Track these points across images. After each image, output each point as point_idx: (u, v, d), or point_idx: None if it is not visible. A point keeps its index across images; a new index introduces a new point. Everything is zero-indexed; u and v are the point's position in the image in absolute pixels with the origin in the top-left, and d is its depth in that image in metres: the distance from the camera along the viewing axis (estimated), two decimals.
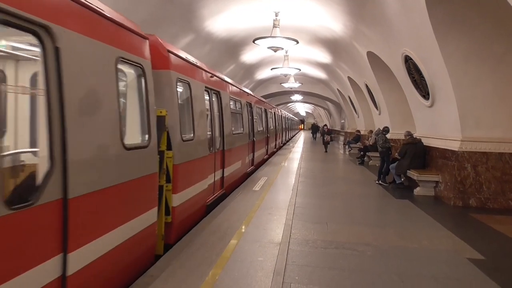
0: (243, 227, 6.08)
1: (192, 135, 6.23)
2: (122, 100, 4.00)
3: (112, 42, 3.62)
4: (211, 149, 7.48)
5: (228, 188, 8.94)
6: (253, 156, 12.99)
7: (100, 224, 3.41)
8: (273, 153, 19.43)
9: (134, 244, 4.02)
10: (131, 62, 4.08)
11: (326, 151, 22.08)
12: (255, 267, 4.46)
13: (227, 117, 8.76)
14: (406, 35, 8.86)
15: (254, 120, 13.18)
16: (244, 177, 11.19)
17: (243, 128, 10.94)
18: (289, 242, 5.43)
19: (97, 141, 3.38)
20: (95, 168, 3.31)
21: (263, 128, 15.48)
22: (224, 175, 8.53)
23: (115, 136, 3.65)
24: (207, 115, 7.55)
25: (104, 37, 3.48)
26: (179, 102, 5.90)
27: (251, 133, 12.41)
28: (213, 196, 7.63)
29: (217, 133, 8.15)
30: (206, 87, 7.26)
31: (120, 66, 3.80)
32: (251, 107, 12.48)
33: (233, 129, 9.50)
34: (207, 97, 7.46)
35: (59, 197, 2.82)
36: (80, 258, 3.04)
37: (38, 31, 2.65)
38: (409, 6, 7.73)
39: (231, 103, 9.58)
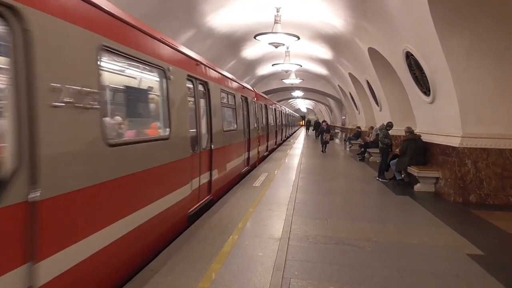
0: (243, 222, 6.09)
1: None
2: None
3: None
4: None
5: None
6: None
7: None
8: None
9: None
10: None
11: (324, 151, 19.27)
12: (255, 262, 4.47)
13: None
14: (407, 31, 8.84)
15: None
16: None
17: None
18: (289, 237, 5.44)
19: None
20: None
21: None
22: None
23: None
24: None
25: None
26: None
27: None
28: None
29: None
30: None
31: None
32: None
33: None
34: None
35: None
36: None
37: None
38: (411, 2, 7.70)
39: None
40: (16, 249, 2.48)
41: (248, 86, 12.85)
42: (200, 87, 6.84)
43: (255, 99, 13.51)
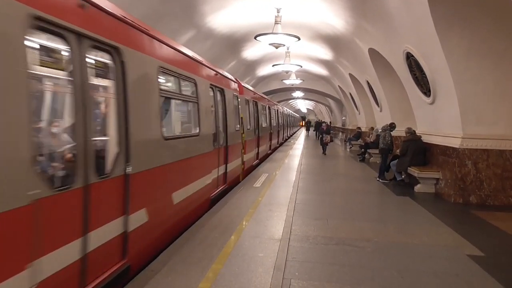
0: (244, 223, 6.10)
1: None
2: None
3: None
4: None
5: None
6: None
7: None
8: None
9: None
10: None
11: (324, 154, 18.41)
12: (255, 263, 4.48)
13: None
14: (407, 31, 8.84)
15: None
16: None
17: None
18: (289, 238, 5.44)
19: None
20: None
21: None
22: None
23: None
24: None
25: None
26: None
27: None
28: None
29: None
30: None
31: None
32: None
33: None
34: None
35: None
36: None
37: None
38: (411, 2, 7.71)
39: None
40: None
41: (227, 75, 9.58)
42: (98, 55, 3.81)
43: (239, 92, 10.44)
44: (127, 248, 3.95)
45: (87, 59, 3.36)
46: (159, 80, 4.84)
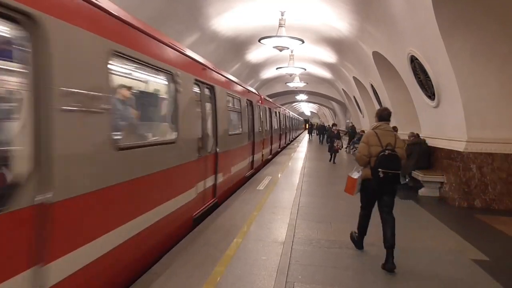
0: (247, 226, 6.09)
1: None
2: None
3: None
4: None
5: None
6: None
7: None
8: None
9: None
10: None
11: (333, 162, 16.15)
12: (258, 266, 4.47)
13: None
14: (411, 35, 8.83)
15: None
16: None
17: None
18: (292, 241, 5.43)
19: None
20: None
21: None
22: None
23: None
24: None
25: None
26: None
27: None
28: None
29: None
30: None
31: None
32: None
33: None
34: None
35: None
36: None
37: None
38: (415, 5, 7.70)
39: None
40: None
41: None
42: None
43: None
44: None
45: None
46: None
